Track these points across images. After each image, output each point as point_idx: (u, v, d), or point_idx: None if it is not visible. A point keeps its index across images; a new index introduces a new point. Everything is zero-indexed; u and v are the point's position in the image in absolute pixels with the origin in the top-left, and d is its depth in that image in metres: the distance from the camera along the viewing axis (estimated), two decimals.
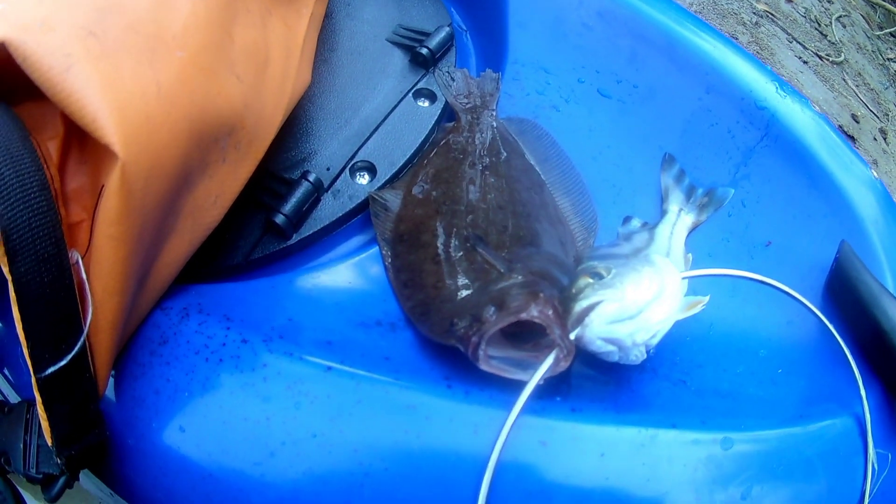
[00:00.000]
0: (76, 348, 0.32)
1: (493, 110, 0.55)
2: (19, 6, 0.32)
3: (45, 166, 0.32)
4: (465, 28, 0.64)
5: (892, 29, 2.31)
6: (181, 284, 0.42)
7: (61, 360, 0.32)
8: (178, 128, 0.34)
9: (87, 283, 0.33)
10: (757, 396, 0.47)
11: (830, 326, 0.49)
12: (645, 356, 0.40)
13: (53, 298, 0.31)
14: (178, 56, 0.35)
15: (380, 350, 0.40)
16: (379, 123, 0.53)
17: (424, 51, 0.56)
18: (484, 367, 0.37)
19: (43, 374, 0.32)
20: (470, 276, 0.44)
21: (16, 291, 0.30)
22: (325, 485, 0.35)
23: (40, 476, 0.36)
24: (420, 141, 0.53)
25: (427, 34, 0.58)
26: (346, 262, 0.47)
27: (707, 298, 0.45)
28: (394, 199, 0.50)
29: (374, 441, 0.36)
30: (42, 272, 0.31)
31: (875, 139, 1.86)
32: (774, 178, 0.58)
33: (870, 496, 0.45)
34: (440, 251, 0.46)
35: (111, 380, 0.39)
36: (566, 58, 0.60)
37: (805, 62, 1.93)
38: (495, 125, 0.55)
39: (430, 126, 0.54)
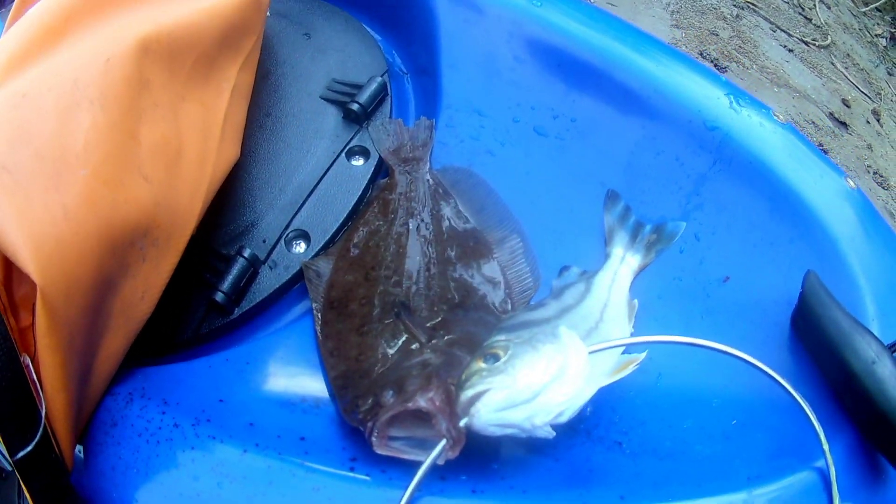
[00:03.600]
0: (37, 437, 0.44)
1: (426, 162, 0.65)
2: None
3: None
4: (405, 71, 0.73)
5: (878, 2, 2.48)
6: (130, 368, 0.54)
7: (28, 445, 0.43)
8: (87, 245, 0.45)
9: (37, 382, 0.45)
10: (703, 455, 0.52)
11: (782, 381, 0.51)
12: (554, 432, 0.45)
13: (12, 398, 0.43)
14: (82, 175, 0.46)
15: (296, 430, 0.50)
16: (312, 189, 0.63)
17: (356, 106, 0.66)
18: (380, 451, 0.46)
19: (16, 458, 0.43)
20: (391, 347, 0.53)
21: None
22: None
23: None
24: (353, 203, 0.63)
25: (360, 87, 0.67)
26: (282, 334, 0.58)
27: (643, 356, 0.51)
28: (325, 266, 0.60)
29: None
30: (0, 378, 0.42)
31: (868, 122, 2.00)
32: (731, 206, 0.63)
33: None
34: (365, 321, 0.55)
35: (83, 455, 0.51)
36: (500, 96, 0.68)
37: (790, 50, 2.11)
38: (429, 179, 0.64)
39: (363, 186, 0.64)
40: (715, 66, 1.90)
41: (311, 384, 0.54)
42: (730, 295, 0.60)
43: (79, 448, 0.51)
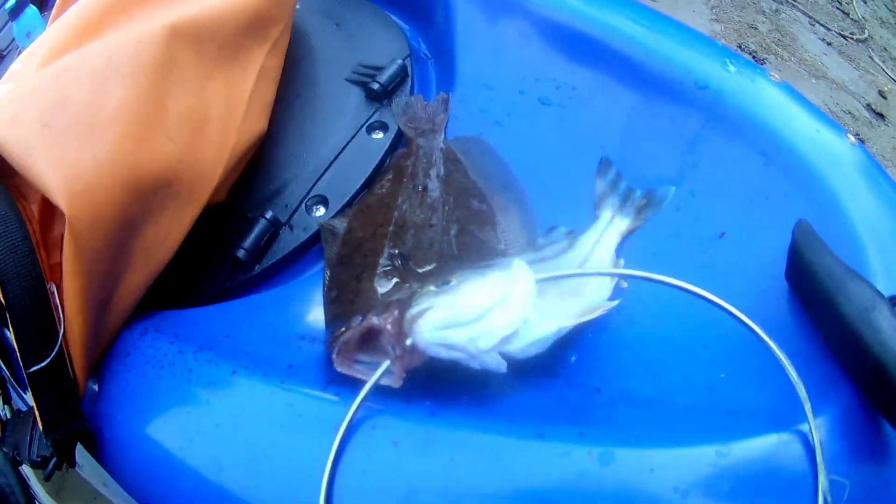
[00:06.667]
0: (53, 353, 0.55)
1: (441, 133, 0.72)
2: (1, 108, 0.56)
3: (28, 223, 0.56)
4: (429, 56, 0.82)
5: None
6: (153, 310, 0.64)
7: (43, 361, 0.54)
8: (113, 188, 0.56)
9: (59, 306, 0.55)
10: (682, 405, 0.54)
11: (763, 334, 0.51)
12: (504, 363, 0.49)
13: (35, 316, 0.53)
14: (112, 133, 0.57)
15: (286, 360, 0.58)
16: (333, 160, 0.72)
17: (376, 86, 0.75)
18: (340, 369, 0.53)
19: (29, 371, 0.54)
20: (383, 290, 0.61)
21: (7, 310, 0.53)
22: (223, 470, 0.52)
23: (38, 459, 0.58)
24: (370, 171, 0.72)
25: (382, 69, 0.76)
26: (295, 286, 0.67)
27: (613, 304, 0.55)
28: (340, 225, 0.68)
29: (259, 434, 0.53)
30: (25, 298, 0.53)
31: None
32: (725, 162, 0.66)
33: None
34: (366, 270, 0.63)
35: (98, 387, 0.61)
36: (507, 71, 0.76)
37: (829, 44, 2.25)
38: (442, 146, 0.72)
39: (381, 156, 0.72)
40: (753, 58, 2.02)
41: (311, 327, 0.62)
42: (725, 250, 0.62)
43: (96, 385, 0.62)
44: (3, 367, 0.70)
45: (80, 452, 0.60)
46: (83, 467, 0.62)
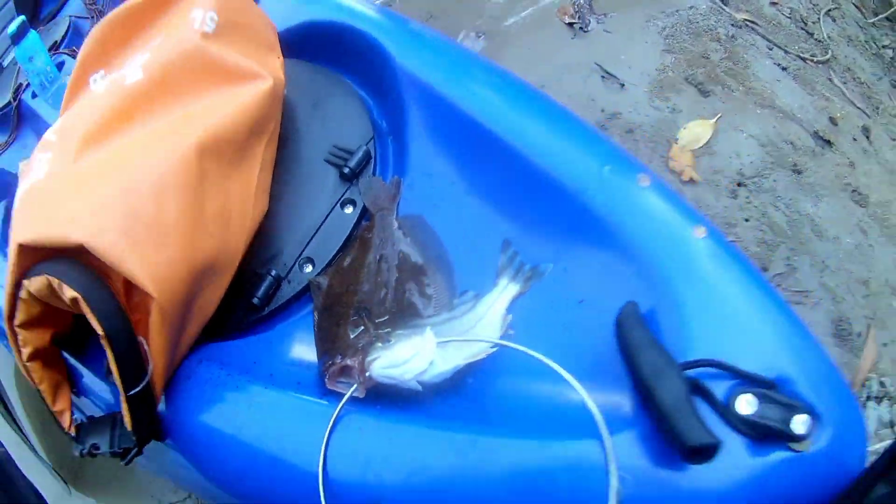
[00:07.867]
0: (144, 382, 0.86)
1: (394, 210, 1.04)
2: (83, 216, 0.77)
3: (117, 296, 0.88)
4: (389, 131, 1.11)
5: (889, 12, 2.52)
6: (202, 343, 0.98)
7: (137, 387, 0.85)
8: (180, 277, 0.86)
9: (148, 353, 0.88)
10: (527, 413, 0.82)
11: (565, 373, 0.77)
12: (420, 387, 0.79)
13: (131, 360, 0.84)
14: (175, 237, 0.86)
15: (296, 378, 0.91)
16: (316, 230, 1.05)
17: (347, 170, 1.06)
18: (329, 387, 0.86)
19: (129, 393, 0.86)
20: (353, 334, 0.95)
21: (114, 357, 0.84)
22: (261, 441, 0.86)
23: (121, 450, 0.91)
24: (344, 238, 1.04)
25: (352, 152, 1.07)
26: (293, 326, 1.01)
27: (492, 350, 0.85)
28: (324, 282, 1.02)
29: (280, 429, 0.86)
30: (125, 349, 0.84)
31: (855, 139, 2.08)
32: (591, 249, 0.88)
33: None
34: (341, 319, 0.98)
35: (164, 398, 0.95)
36: (444, 162, 1.02)
37: (784, 69, 2.16)
38: (395, 223, 1.05)
39: (351, 226, 1.05)
40: (699, 90, 2.00)
41: (309, 355, 0.96)
42: (584, 313, 0.88)
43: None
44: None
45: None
46: (139, 460, 0.91)
